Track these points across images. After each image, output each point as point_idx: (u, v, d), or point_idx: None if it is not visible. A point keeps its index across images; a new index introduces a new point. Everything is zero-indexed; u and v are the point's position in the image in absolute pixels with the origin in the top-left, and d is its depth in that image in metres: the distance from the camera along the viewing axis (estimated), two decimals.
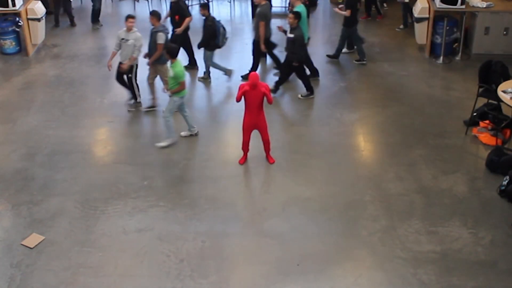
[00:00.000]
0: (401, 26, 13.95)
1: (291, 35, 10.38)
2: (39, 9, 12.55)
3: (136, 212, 8.00)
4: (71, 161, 9.10)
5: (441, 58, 12.28)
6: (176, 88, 9.09)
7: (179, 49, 9.18)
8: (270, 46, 11.51)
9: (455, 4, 11.93)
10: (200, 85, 11.41)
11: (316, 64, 12.17)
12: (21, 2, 12.50)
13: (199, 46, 11.12)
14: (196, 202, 8.18)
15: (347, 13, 11.76)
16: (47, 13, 13.30)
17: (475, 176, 8.65)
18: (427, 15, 12.28)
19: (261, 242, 7.44)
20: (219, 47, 11.11)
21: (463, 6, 11.96)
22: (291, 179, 8.62)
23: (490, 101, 9.55)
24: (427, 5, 12.27)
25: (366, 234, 7.55)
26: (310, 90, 10.83)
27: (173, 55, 9.05)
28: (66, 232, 7.63)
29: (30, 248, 7.37)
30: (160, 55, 10.01)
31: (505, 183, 8.18)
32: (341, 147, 9.37)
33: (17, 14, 12.42)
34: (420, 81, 11.51)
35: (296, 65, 10.56)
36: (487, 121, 9.62)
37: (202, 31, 11.00)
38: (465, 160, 9.03)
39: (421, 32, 12.54)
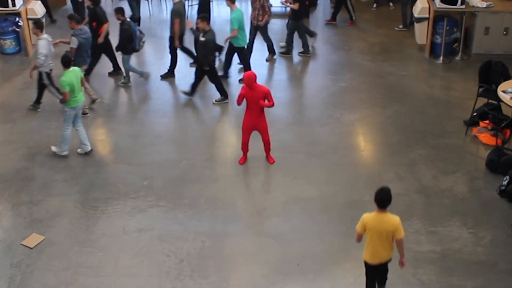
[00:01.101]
0: (400, 26, 13.94)
1: (203, 39, 10.19)
2: (39, 9, 12.54)
3: (136, 212, 8.00)
4: (71, 161, 9.09)
5: (441, 58, 12.27)
6: (61, 98, 8.90)
7: (70, 56, 8.94)
8: (182, 42, 11.56)
9: (455, 4, 11.92)
10: (199, 86, 11.40)
11: (316, 64, 12.19)
12: (21, 2, 12.50)
13: (116, 50, 11.19)
14: (196, 202, 8.18)
15: (295, 6, 11.88)
16: (51, 21, 13.50)
17: (475, 176, 8.65)
18: (427, 15, 12.28)
19: (261, 242, 7.44)
20: (136, 50, 11.15)
21: (463, 6, 11.95)
22: (291, 179, 8.62)
23: (490, 101, 9.55)
24: (427, 5, 12.26)
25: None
26: (224, 94, 10.73)
27: (64, 64, 8.74)
28: (66, 232, 7.64)
29: (30, 248, 7.37)
30: (80, 56, 10.16)
31: (505, 183, 8.18)
32: (341, 147, 9.37)
33: (17, 14, 12.41)
34: (420, 81, 11.51)
35: (207, 69, 10.42)
36: (487, 121, 9.62)
37: (119, 35, 10.99)
38: (465, 160, 9.03)
39: (421, 32, 12.53)
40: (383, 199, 6.07)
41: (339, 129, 9.87)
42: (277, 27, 14.23)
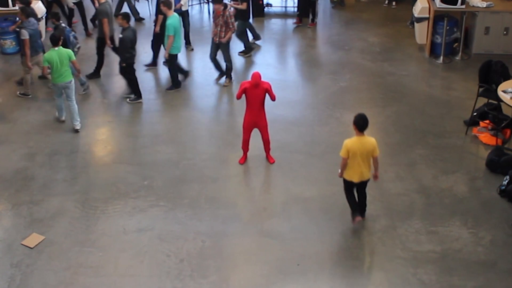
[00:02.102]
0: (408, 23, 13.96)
1: (120, 36, 10.38)
2: (39, 9, 12.53)
3: (136, 212, 8.00)
4: (71, 161, 9.10)
5: (441, 58, 12.27)
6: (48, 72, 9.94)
7: (59, 36, 9.63)
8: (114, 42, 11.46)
9: (455, 4, 11.93)
10: (200, 85, 11.40)
11: (316, 64, 12.17)
12: None
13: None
14: (196, 202, 8.18)
15: (243, 6, 11.84)
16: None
17: (475, 176, 8.65)
18: (427, 15, 12.28)
19: (261, 242, 7.44)
20: None
21: (463, 6, 11.96)
22: (291, 179, 8.62)
23: (490, 101, 9.54)
24: (427, 5, 12.26)
25: (366, 234, 7.55)
26: (137, 94, 10.76)
27: (52, 42, 9.49)
28: (66, 232, 7.64)
29: (30, 248, 7.37)
30: (31, 47, 10.38)
31: (505, 183, 8.19)
32: (341, 147, 9.33)
33: (17, 14, 12.41)
34: (420, 81, 11.51)
35: (123, 65, 10.55)
36: (487, 121, 9.62)
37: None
38: (465, 160, 9.03)
39: (421, 32, 12.53)
40: (362, 124, 7.20)
41: (339, 129, 9.87)
42: (277, 27, 14.24)
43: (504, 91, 8.97)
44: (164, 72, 11.92)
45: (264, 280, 6.87)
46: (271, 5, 15.37)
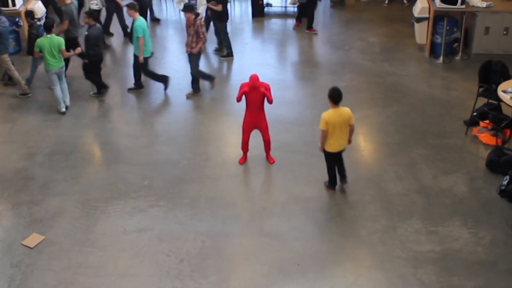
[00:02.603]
0: None
1: (86, 33, 10.55)
2: (39, 9, 12.53)
3: (136, 212, 8.00)
4: (71, 161, 9.10)
5: (441, 58, 12.27)
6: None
7: (52, 23, 10.09)
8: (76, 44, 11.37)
9: (455, 4, 11.92)
10: (201, 85, 11.40)
11: (315, 64, 12.16)
12: (21, 2, 12.51)
13: (28, 54, 11.12)
14: (196, 202, 8.18)
15: (218, 7, 11.79)
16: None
17: (475, 176, 8.65)
18: (427, 15, 12.28)
19: (261, 242, 7.44)
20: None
21: (463, 6, 11.95)
22: (291, 179, 8.62)
23: (490, 101, 9.54)
24: (427, 5, 12.26)
25: (366, 234, 7.55)
26: (100, 88, 10.98)
27: (45, 29, 10.04)
28: (66, 232, 7.64)
29: (30, 248, 7.37)
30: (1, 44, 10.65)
31: (505, 183, 8.19)
32: None
33: (17, 14, 12.41)
34: (420, 81, 11.51)
35: (86, 62, 10.76)
36: (487, 121, 9.62)
37: (27, 39, 10.98)
38: (465, 160, 9.03)
39: (421, 32, 12.53)
40: (337, 96, 7.82)
41: None
42: (277, 27, 14.25)
43: (504, 91, 8.97)
44: (164, 72, 11.92)
45: (264, 280, 6.88)
46: (271, 5, 15.36)
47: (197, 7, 11.88)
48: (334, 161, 8.15)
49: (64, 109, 10.39)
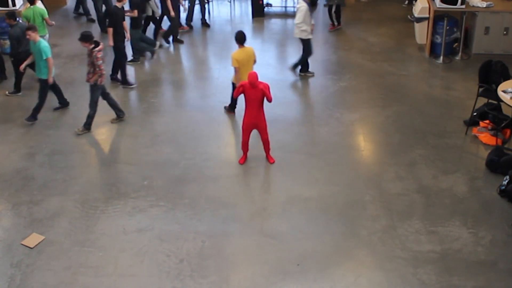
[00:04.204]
0: None
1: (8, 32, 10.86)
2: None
3: (136, 212, 8.00)
4: (71, 161, 9.10)
5: (441, 58, 12.27)
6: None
7: None
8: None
9: (455, 4, 11.93)
10: (200, 85, 11.41)
11: (315, 64, 12.17)
12: (21, 2, 12.50)
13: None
14: (196, 202, 8.18)
15: (134, 13, 11.66)
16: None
17: (475, 176, 8.65)
18: (427, 15, 12.28)
19: (261, 242, 7.44)
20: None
21: (463, 6, 11.96)
22: (291, 179, 8.62)
23: (490, 101, 9.55)
24: (427, 5, 12.27)
25: (366, 234, 7.55)
26: (17, 88, 11.06)
27: (29, 1, 10.68)
28: (66, 232, 7.64)
29: (30, 248, 7.37)
30: None
31: (505, 183, 8.19)
32: (341, 147, 9.37)
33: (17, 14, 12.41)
34: (420, 81, 11.51)
35: (12, 59, 10.89)
36: (487, 121, 9.62)
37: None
38: (465, 160, 9.03)
39: (421, 32, 12.54)
40: (241, 38, 9.47)
41: (339, 129, 9.87)
42: (277, 27, 14.25)
43: (504, 91, 8.97)
44: (165, 71, 11.94)
45: (264, 280, 6.88)
46: (271, 5, 15.37)
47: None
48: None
49: None
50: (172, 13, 12.75)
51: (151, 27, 13.19)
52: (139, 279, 6.91)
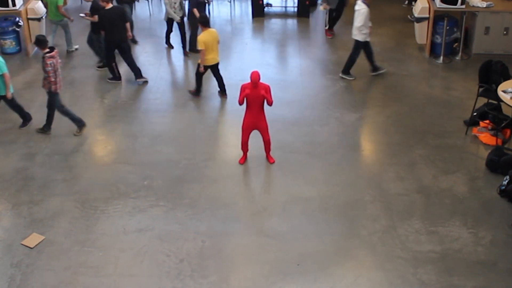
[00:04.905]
0: None
1: None
2: (39, 9, 12.55)
3: (136, 212, 8.00)
4: (71, 161, 9.10)
5: (441, 58, 12.27)
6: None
7: None
8: None
9: (455, 4, 11.93)
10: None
11: (315, 64, 12.16)
12: (21, 2, 12.51)
13: None
14: (196, 202, 8.18)
15: (94, 18, 11.49)
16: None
17: (475, 176, 8.65)
18: (427, 15, 12.28)
19: (261, 242, 7.44)
20: None
21: (463, 6, 11.96)
22: (291, 179, 8.62)
23: (490, 101, 9.54)
24: (427, 5, 12.27)
25: (366, 234, 7.55)
26: None
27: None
28: (66, 232, 7.64)
29: (30, 248, 7.38)
30: None
31: (505, 183, 8.19)
32: (341, 147, 9.37)
33: (17, 13, 12.42)
34: (420, 81, 11.51)
35: None
36: (487, 121, 9.62)
37: None
38: (465, 160, 9.03)
39: (421, 32, 12.54)
40: (205, 21, 10.15)
41: (339, 129, 9.87)
42: (277, 27, 14.25)
43: (504, 91, 8.97)
44: (164, 71, 11.93)
45: (264, 280, 6.88)
46: (271, 5, 15.37)
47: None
48: (213, 72, 10.57)
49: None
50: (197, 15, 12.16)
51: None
52: (139, 279, 6.91)
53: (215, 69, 10.56)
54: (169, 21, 12.59)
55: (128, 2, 12.88)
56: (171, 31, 12.82)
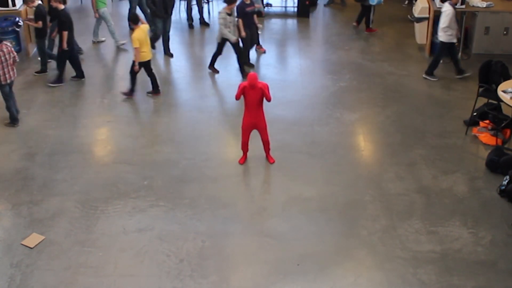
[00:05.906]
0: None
1: None
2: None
3: (136, 212, 8.00)
4: (71, 161, 9.10)
5: None
6: None
7: None
8: None
9: (455, 4, 11.92)
10: (199, 85, 11.41)
11: (315, 64, 12.17)
12: (21, 2, 12.51)
13: None
14: (196, 202, 8.18)
15: (38, 24, 11.37)
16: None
17: (475, 176, 8.65)
18: (427, 15, 12.29)
19: (261, 242, 7.44)
20: None
21: (463, 6, 11.96)
22: (291, 179, 8.63)
23: (490, 101, 9.55)
24: (427, 5, 12.27)
25: (366, 234, 7.55)
26: None
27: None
28: (66, 232, 7.64)
29: (30, 248, 7.37)
30: None
31: (505, 183, 8.19)
32: (341, 147, 9.37)
33: (17, 14, 12.42)
34: (420, 81, 11.51)
35: None
36: (487, 121, 9.62)
37: None
38: (465, 160, 9.03)
39: (421, 32, 12.54)
40: (135, 19, 10.46)
41: (339, 129, 9.87)
42: (277, 27, 14.25)
43: (504, 91, 8.97)
44: (164, 71, 11.93)
45: (264, 280, 6.88)
46: (271, 5, 15.37)
47: None
48: (147, 70, 10.75)
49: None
50: (243, 33, 11.64)
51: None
52: (139, 279, 6.91)
53: (148, 67, 10.73)
54: (222, 43, 11.60)
55: (161, 17, 12.38)
56: (221, 53, 11.80)
